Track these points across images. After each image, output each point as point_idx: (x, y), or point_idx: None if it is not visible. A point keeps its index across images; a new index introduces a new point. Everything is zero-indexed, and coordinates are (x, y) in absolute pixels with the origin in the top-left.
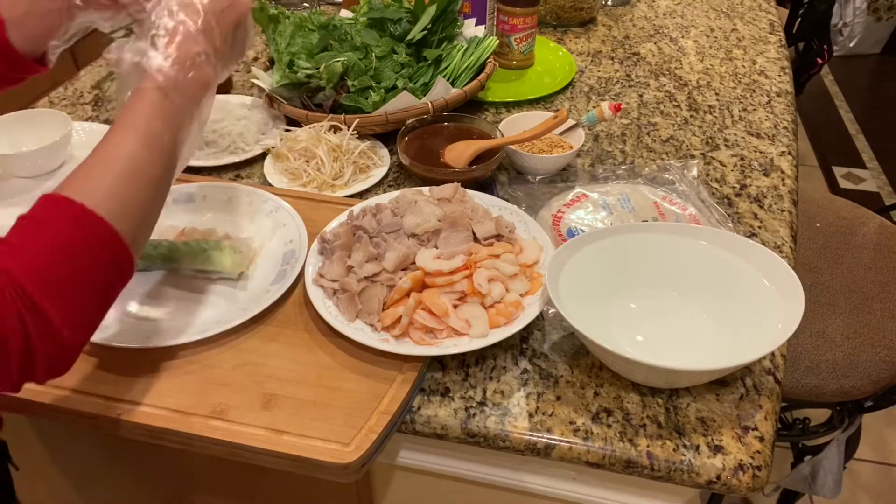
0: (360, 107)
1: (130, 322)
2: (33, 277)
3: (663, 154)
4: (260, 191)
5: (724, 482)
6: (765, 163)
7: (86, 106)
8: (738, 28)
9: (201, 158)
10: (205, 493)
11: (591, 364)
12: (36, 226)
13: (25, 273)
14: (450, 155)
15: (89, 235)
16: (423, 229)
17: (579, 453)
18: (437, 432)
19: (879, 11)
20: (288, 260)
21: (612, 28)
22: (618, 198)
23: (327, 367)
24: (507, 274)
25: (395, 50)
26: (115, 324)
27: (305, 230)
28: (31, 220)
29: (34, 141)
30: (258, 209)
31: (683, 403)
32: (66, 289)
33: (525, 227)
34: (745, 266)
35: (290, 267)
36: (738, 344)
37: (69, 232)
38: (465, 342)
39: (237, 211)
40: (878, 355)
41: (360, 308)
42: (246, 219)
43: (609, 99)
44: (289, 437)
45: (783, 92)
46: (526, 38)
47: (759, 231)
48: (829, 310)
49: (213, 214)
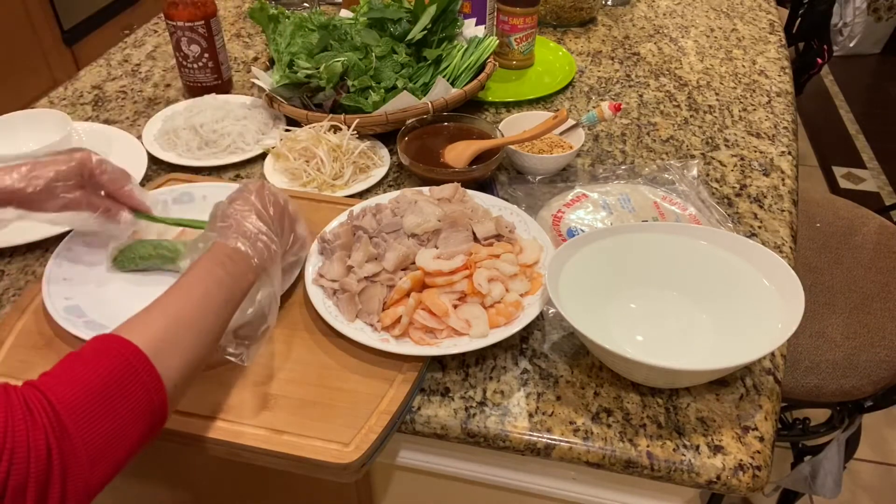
0: (360, 107)
1: None
2: (68, 405)
3: (663, 154)
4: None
5: (724, 482)
6: (765, 163)
7: (86, 106)
8: (738, 28)
9: (201, 158)
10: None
11: (591, 364)
12: (83, 359)
13: (61, 400)
14: (450, 155)
15: (132, 374)
16: (423, 229)
17: (579, 453)
18: (437, 432)
19: (879, 11)
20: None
21: (612, 28)
22: (618, 198)
23: (327, 367)
24: (507, 274)
25: (395, 50)
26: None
27: (306, 230)
28: (79, 354)
29: (34, 141)
30: None
31: (683, 403)
32: (99, 423)
33: (525, 227)
34: (745, 266)
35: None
36: (738, 344)
37: (113, 365)
38: (465, 342)
39: None
40: (878, 355)
41: (360, 308)
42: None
43: (609, 99)
44: (289, 437)
45: (783, 92)
46: (526, 38)
47: (759, 231)
48: (829, 310)
49: None
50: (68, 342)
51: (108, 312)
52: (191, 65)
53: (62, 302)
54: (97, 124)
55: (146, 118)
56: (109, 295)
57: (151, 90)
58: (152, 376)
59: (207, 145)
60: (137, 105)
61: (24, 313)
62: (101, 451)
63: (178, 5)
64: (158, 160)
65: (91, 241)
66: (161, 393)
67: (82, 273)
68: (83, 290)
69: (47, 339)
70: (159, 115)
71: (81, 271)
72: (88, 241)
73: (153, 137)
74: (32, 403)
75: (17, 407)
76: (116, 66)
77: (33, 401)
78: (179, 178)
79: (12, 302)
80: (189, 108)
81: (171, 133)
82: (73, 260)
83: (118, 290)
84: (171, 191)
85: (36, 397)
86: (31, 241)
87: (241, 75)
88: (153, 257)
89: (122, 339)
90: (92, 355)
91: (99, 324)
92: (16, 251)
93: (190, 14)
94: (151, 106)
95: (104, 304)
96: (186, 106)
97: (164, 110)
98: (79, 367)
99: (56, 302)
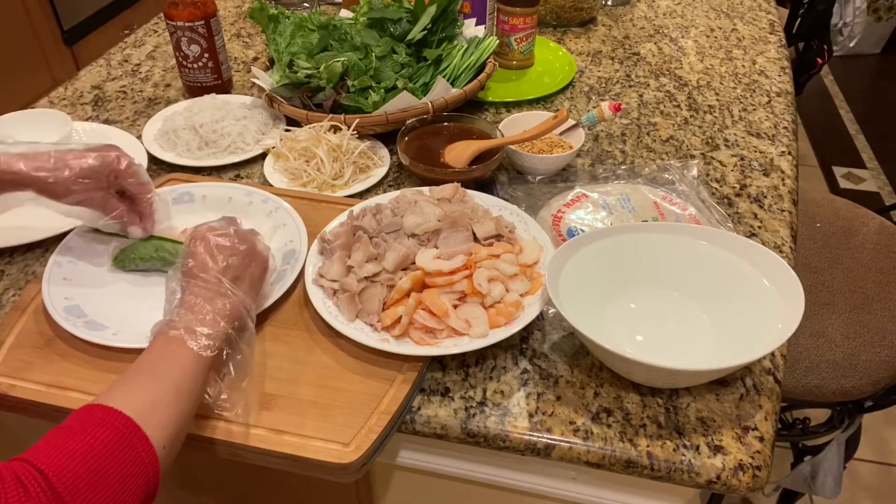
0: (360, 107)
1: (132, 323)
2: (62, 476)
3: (663, 154)
4: (259, 191)
5: (724, 482)
6: (765, 163)
7: (86, 106)
8: (738, 28)
9: (201, 158)
10: (205, 494)
11: (591, 364)
12: (72, 431)
13: (54, 472)
14: (450, 155)
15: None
16: (423, 229)
17: (579, 453)
18: (437, 432)
19: (879, 11)
20: (288, 260)
21: (612, 28)
22: (618, 198)
23: (327, 367)
24: (507, 274)
25: (395, 50)
26: (117, 325)
27: (305, 230)
28: (66, 427)
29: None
30: (258, 209)
31: (683, 403)
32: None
33: (525, 227)
34: (745, 266)
35: (290, 267)
36: (738, 344)
37: (107, 440)
38: (465, 342)
39: (237, 211)
40: (878, 355)
41: (360, 308)
42: (246, 219)
43: (609, 99)
44: (289, 437)
45: (783, 92)
46: (526, 38)
47: (759, 231)
48: (829, 310)
49: (213, 214)
50: (68, 342)
51: (109, 312)
52: (191, 65)
53: (62, 302)
54: (97, 124)
55: (146, 118)
56: (109, 295)
57: (151, 90)
58: (143, 443)
59: (207, 145)
60: (137, 105)
61: (23, 313)
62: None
63: (178, 5)
64: (158, 160)
65: (91, 241)
66: (153, 460)
67: (82, 273)
68: (83, 290)
69: (47, 339)
70: (159, 115)
71: (81, 271)
72: (88, 241)
73: (153, 137)
74: (24, 478)
75: (10, 482)
76: (116, 66)
77: (25, 475)
78: (179, 178)
79: (12, 302)
80: (189, 108)
81: (171, 133)
82: (72, 260)
83: (118, 290)
84: (172, 190)
85: (27, 471)
86: (30, 242)
87: (241, 75)
88: (153, 259)
89: (109, 408)
90: (80, 426)
91: (99, 324)
92: (16, 251)
93: (190, 14)
94: (151, 106)
95: (104, 304)
96: (186, 106)
97: (164, 110)
98: (68, 438)
99: (56, 302)
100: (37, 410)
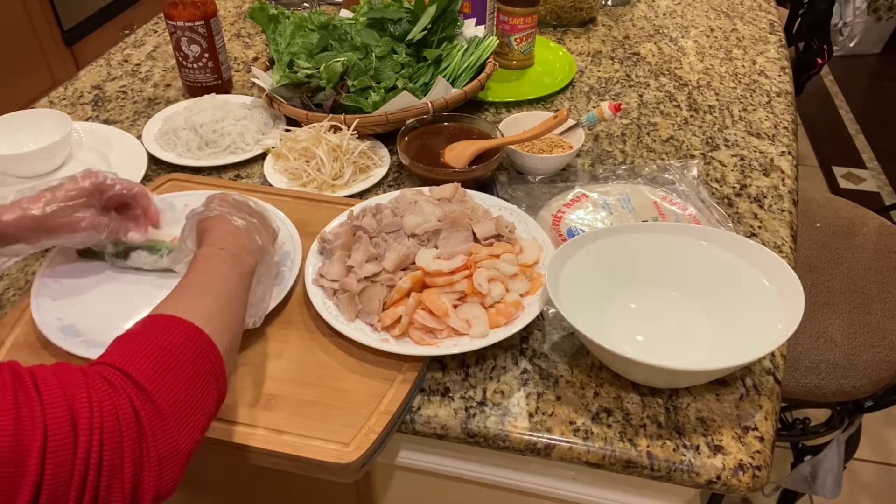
0: (360, 107)
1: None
2: (145, 373)
3: (663, 154)
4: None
5: (724, 482)
6: (765, 163)
7: (86, 106)
8: (738, 28)
9: (201, 158)
10: (205, 493)
11: (591, 364)
12: (141, 337)
13: (137, 370)
14: (450, 155)
15: (193, 345)
16: (423, 229)
17: (579, 453)
18: (437, 432)
19: (879, 11)
20: (284, 262)
21: (612, 28)
22: (618, 198)
23: (327, 367)
24: (507, 274)
25: (395, 50)
26: (120, 323)
27: (296, 231)
28: (133, 334)
29: (34, 141)
30: None
31: (683, 403)
32: (176, 387)
33: (525, 227)
34: (745, 266)
35: (288, 269)
36: (738, 344)
37: (176, 341)
38: (465, 342)
39: None
40: (878, 355)
41: (360, 308)
42: None
43: (609, 99)
44: (289, 437)
45: (783, 92)
46: (526, 38)
47: (759, 231)
48: (829, 310)
49: None
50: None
51: (114, 313)
52: (191, 65)
53: (56, 322)
54: (97, 124)
55: (146, 118)
56: (103, 311)
57: (151, 90)
58: (210, 346)
59: (207, 145)
60: (137, 105)
61: (23, 313)
62: (184, 414)
63: (178, 5)
64: (158, 160)
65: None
66: (220, 362)
67: (71, 290)
68: (74, 308)
69: (44, 341)
70: (159, 115)
71: (69, 289)
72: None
73: (153, 137)
74: (109, 376)
75: (96, 381)
76: (116, 66)
77: (109, 375)
78: (179, 178)
79: (12, 302)
80: (189, 108)
81: (171, 133)
82: (58, 280)
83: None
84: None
85: (110, 372)
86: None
87: (241, 75)
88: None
89: (173, 316)
90: (147, 332)
91: (98, 341)
92: None
93: (190, 14)
94: (151, 106)
95: (98, 319)
96: (186, 106)
97: (164, 110)
98: (140, 342)
99: (47, 319)
100: None
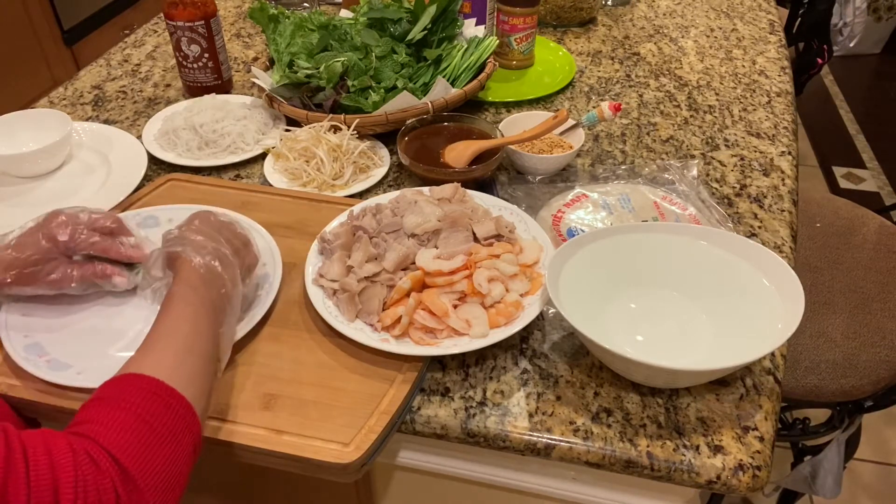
0: (360, 107)
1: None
2: (129, 454)
3: (663, 154)
4: (232, 212)
5: (724, 482)
6: (765, 163)
7: (86, 106)
8: (738, 28)
9: (201, 158)
10: (205, 494)
11: (591, 364)
12: (115, 403)
13: (122, 450)
14: (450, 155)
15: (165, 407)
16: (423, 229)
17: (579, 453)
18: (437, 432)
19: (879, 11)
20: (262, 285)
21: (612, 28)
22: (618, 198)
23: (327, 367)
24: (507, 274)
25: (395, 50)
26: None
27: (279, 254)
28: (107, 398)
29: (34, 141)
30: None
31: (683, 403)
32: (156, 464)
33: (525, 227)
34: (745, 266)
35: (265, 293)
36: (738, 344)
37: (152, 410)
38: (465, 342)
39: None
40: (878, 355)
41: (360, 308)
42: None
43: (609, 99)
44: (289, 437)
45: (783, 92)
46: (526, 38)
47: (759, 231)
48: (829, 310)
49: None
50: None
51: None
52: (191, 65)
53: (21, 340)
54: (97, 124)
55: (146, 118)
56: (72, 331)
57: (151, 90)
58: (181, 402)
59: (207, 145)
60: (137, 105)
61: None
62: (162, 486)
63: (178, 5)
64: (158, 160)
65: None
66: (193, 416)
67: (40, 307)
68: (42, 325)
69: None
70: (159, 115)
71: (39, 306)
72: None
73: (153, 137)
74: (96, 456)
75: (84, 460)
76: (116, 66)
77: (95, 453)
78: (179, 178)
79: None
80: (189, 108)
81: (171, 133)
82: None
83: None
84: (137, 214)
85: (96, 450)
86: None
87: (241, 75)
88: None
89: (141, 375)
90: (119, 398)
91: (62, 363)
92: None
93: (190, 14)
94: (151, 106)
95: (66, 338)
96: (186, 106)
97: (164, 110)
98: (114, 411)
99: (15, 341)
100: (36, 410)
